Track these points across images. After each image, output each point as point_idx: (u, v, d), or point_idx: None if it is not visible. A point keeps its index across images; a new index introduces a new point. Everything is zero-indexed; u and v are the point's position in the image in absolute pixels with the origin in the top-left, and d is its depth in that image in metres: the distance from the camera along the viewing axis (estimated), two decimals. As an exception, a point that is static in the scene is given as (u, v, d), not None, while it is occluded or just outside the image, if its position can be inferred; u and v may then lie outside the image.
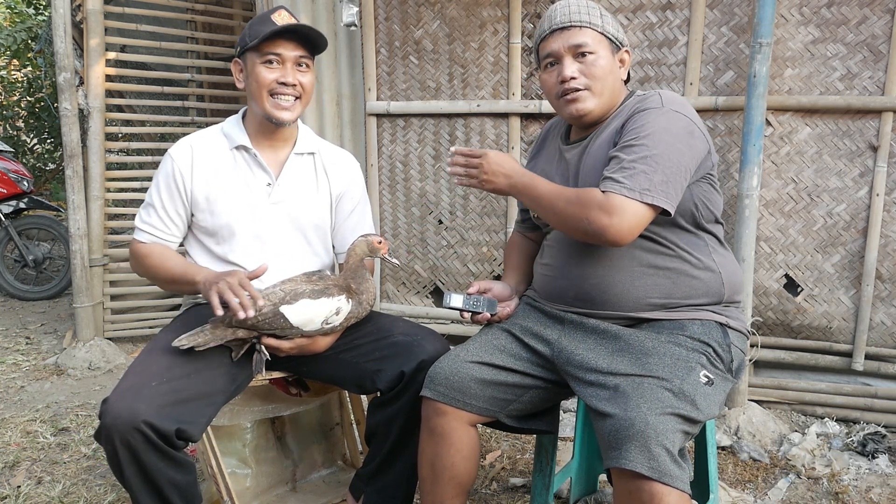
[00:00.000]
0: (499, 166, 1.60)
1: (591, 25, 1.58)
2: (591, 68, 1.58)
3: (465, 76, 2.90)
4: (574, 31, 1.58)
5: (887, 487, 2.20)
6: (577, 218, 1.46)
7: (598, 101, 1.60)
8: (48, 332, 3.98)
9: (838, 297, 2.56)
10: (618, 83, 1.62)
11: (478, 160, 1.61)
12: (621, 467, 1.29)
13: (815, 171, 2.52)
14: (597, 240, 1.46)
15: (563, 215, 1.49)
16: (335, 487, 2.13)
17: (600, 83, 1.58)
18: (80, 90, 3.35)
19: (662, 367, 1.42)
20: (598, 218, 1.42)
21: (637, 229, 1.45)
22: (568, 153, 1.67)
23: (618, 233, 1.43)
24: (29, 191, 4.84)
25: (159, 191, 1.80)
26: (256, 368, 1.69)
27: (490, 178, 1.60)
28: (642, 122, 1.50)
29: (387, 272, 3.17)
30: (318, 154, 1.91)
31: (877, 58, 2.40)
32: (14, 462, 2.42)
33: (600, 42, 1.58)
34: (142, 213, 1.83)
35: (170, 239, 1.82)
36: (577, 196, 1.48)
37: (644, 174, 1.42)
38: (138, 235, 1.82)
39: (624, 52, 1.63)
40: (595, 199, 1.44)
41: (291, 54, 1.74)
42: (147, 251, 1.80)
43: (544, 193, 1.54)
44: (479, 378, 1.60)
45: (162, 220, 1.80)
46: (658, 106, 1.52)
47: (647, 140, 1.46)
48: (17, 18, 7.32)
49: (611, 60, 1.60)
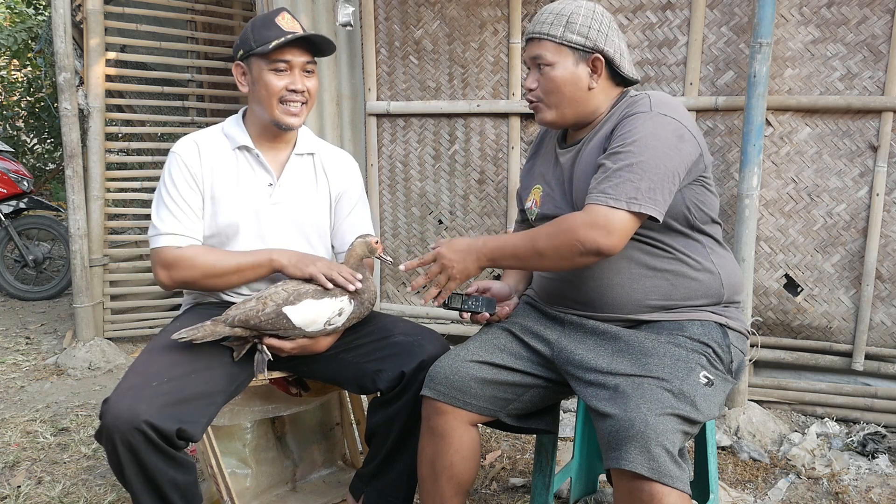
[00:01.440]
0: (456, 252, 1.56)
1: (549, 37, 1.56)
2: (546, 81, 1.58)
3: (465, 76, 2.90)
4: (534, 44, 1.59)
5: (887, 487, 2.21)
6: (566, 246, 1.43)
7: (554, 112, 1.60)
8: (48, 332, 3.98)
9: (838, 297, 2.56)
10: (580, 93, 1.58)
11: (433, 263, 1.58)
12: (621, 468, 1.29)
13: (815, 171, 2.52)
14: (594, 257, 1.44)
15: (551, 252, 1.46)
16: (335, 487, 2.13)
17: (554, 96, 1.58)
18: (80, 90, 3.35)
19: (662, 367, 1.42)
20: (588, 235, 1.41)
21: (626, 238, 1.44)
22: (562, 157, 1.67)
23: (610, 244, 1.41)
24: (29, 191, 4.83)
25: (176, 187, 1.74)
26: (258, 368, 1.69)
27: (457, 267, 1.56)
28: (629, 127, 1.48)
29: (387, 272, 3.17)
30: (318, 154, 1.91)
31: (877, 58, 2.40)
32: (14, 462, 2.42)
33: (559, 52, 1.56)
34: (162, 216, 1.73)
35: (195, 235, 1.75)
36: (557, 226, 1.46)
37: (630, 182, 1.41)
38: (168, 241, 1.71)
39: (594, 58, 1.56)
40: (579, 220, 1.43)
41: (299, 60, 1.73)
42: (192, 253, 1.71)
43: (520, 243, 1.50)
44: (479, 377, 1.60)
45: (189, 218, 1.73)
46: (646, 110, 1.50)
47: (633, 147, 1.44)
48: (17, 18, 7.31)
49: (570, 71, 1.56)
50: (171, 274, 1.72)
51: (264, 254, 1.74)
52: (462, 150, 2.96)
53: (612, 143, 1.49)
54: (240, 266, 1.73)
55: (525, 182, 1.81)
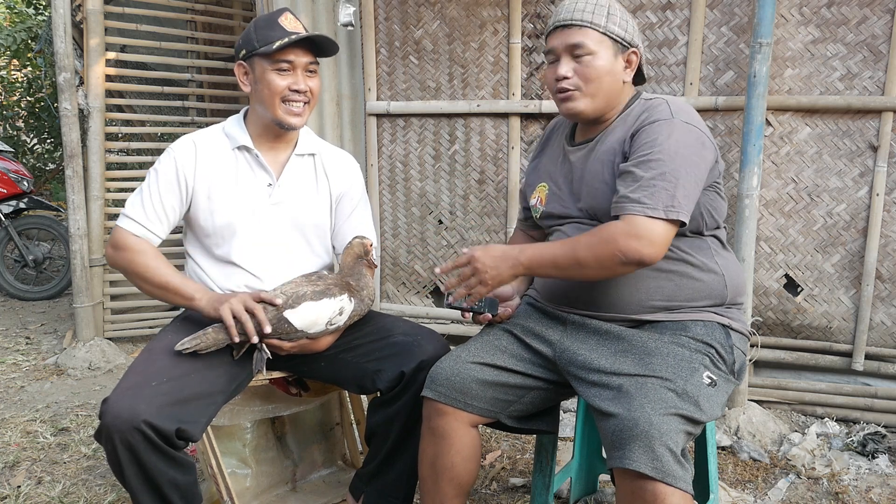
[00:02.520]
0: (491, 258, 1.52)
1: (593, 25, 1.54)
2: (586, 70, 1.56)
3: (465, 76, 2.90)
4: (574, 31, 1.55)
5: (887, 487, 2.21)
6: (608, 256, 1.42)
7: (590, 101, 1.58)
8: (48, 332, 3.98)
9: (838, 296, 2.56)
10: (616, 85, 1.58)
11: (467, 267, 1.54)
12: (625, 467, 1.29)
13: (815, 170, 2.52)
14: (635, 266, 1.44)
15: (592, 261, 1.44)
16: (335, 487, 2.13)
17: (594, 85, 1.56)
18: (80, 90, 3.35)
19: (666, 367, 1.42)
20: (630, 245, 1.40)
21: (667, 246, 1.45)
22: (572, 155, 1.66)
23: (653, 253, 1.42)
24: (29, 191, 4.83)
25: (158, 182, 1.75)
26: (257, 367, 1.69)
27: (491, 273, 1.52)
28: (654, 135, 1.47)
29: (387, 272, 3.17)
30: (319, 155, 1.91)
31: (877, 58, 2.40)
32: (14, 462, 2.42)
33: (601, 43, 1.55)
34: (133, 201, 1.76)
35: (157, 233, 1.76)
36: (597, 236, 1.44)
37: (665, 191, 1.42)
38: (128, 225, 1.74)
39: (631, 52, 1.59)
40: (619, 229, 1.42)
41: (303, 60, 1.73)
42: (139, 246, 1.73)
43: (559, 253, 1.48)
44: (480, 379, 1.59)
45: (156, 213, 1.75)
46: (668, 117, 1.49)
47: (662, 155, 1.44)
48: (17, 18, 7.31)
49: (611, 62, 1.56)
50: (114, 254, 1.76)
51: (197, 290, 1.71)
52: (462, 150, 2.96)
53: (637, 150, 1.48)
54: (167, 284, 1.71)
55: (530, 179, 1.80)
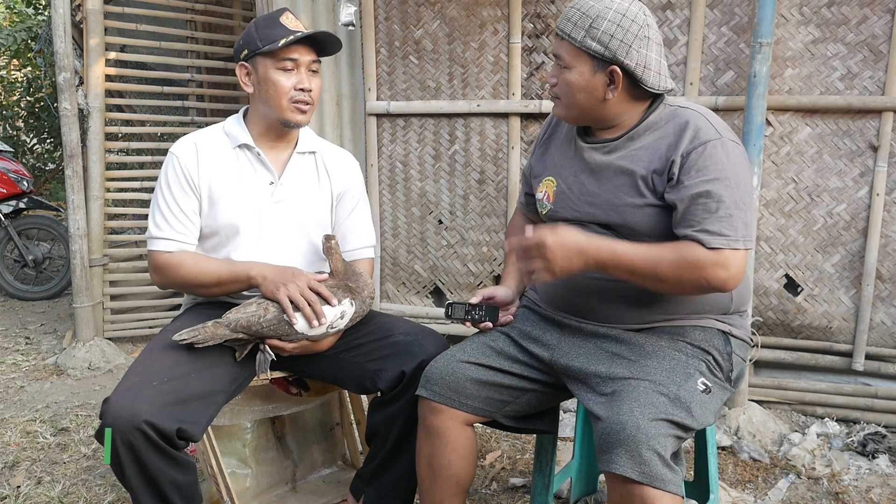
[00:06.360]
0: (564, 249, 1.42)
1: (570, 39, 1.47)
2: (561, 83, 1.53)
3: (465, 76, 2.90)
4: (558, 40, 1.52)
5: (887, 487, 2.21)
6: (691, 281, 1.41)
7: (567, 111, 1.56)
8: (48, 332, 3.97)
9: (838, 297, 2.56)
10: (593, 102, 1.50)
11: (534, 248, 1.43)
12: (611, 471, 1.29)
13: (816, 170, 2.52)
14: (711, 291, 1.44)
15: (673, 281, 1.42)
16: (335, 487, 2.13)
17: (567, 98, 1.53)
18: (79, 90, 3.34)
19: (660, 370, 1.42)
20: (717, 275, 1.40)
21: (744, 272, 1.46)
22: (587, 153, 1.58)
23: (735, 283, 1.43)
24: (29, 191, 4.83)
25: (171, 191, 1.74)
26: (261, 368, 1.69)
27: (560, 264, 1.42)
28: (713, 160, 1.42)
29: (387, 272, 3.17)
30: (319, 153, 1.91)
31: (877, 58, 2.40)
32: (14, 462, 2.42)
33: (577, 57, 1.48)
34: (157, 221, 1.74)
35: (189, 241, 1.75)
36: (683, 258, 1.40)
37: (740, 220, 1.41)
38: (160, 245, 1.73)
39: (610, 69, 1.46)
40: (708, 259, 1.40)
41: (306, 59, 1.74)
42: (178, 260, 1.72)
43: (639, 262, 1.42)
44: (474, 378, 1.59)
45: (181, 223, 1.74)
46: (716, 136, 1.44)
47: (729, 181, 1.42)
48: (17, 18, 7.31)
49: (586, 78, 1.48)
50: (160, 277, 1.78)
51: (243, 268, 1.72)
52: (462, 150, 2.96)
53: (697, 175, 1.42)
54: (220, 279, 1.73)
55: (537, 169, 1.73)
